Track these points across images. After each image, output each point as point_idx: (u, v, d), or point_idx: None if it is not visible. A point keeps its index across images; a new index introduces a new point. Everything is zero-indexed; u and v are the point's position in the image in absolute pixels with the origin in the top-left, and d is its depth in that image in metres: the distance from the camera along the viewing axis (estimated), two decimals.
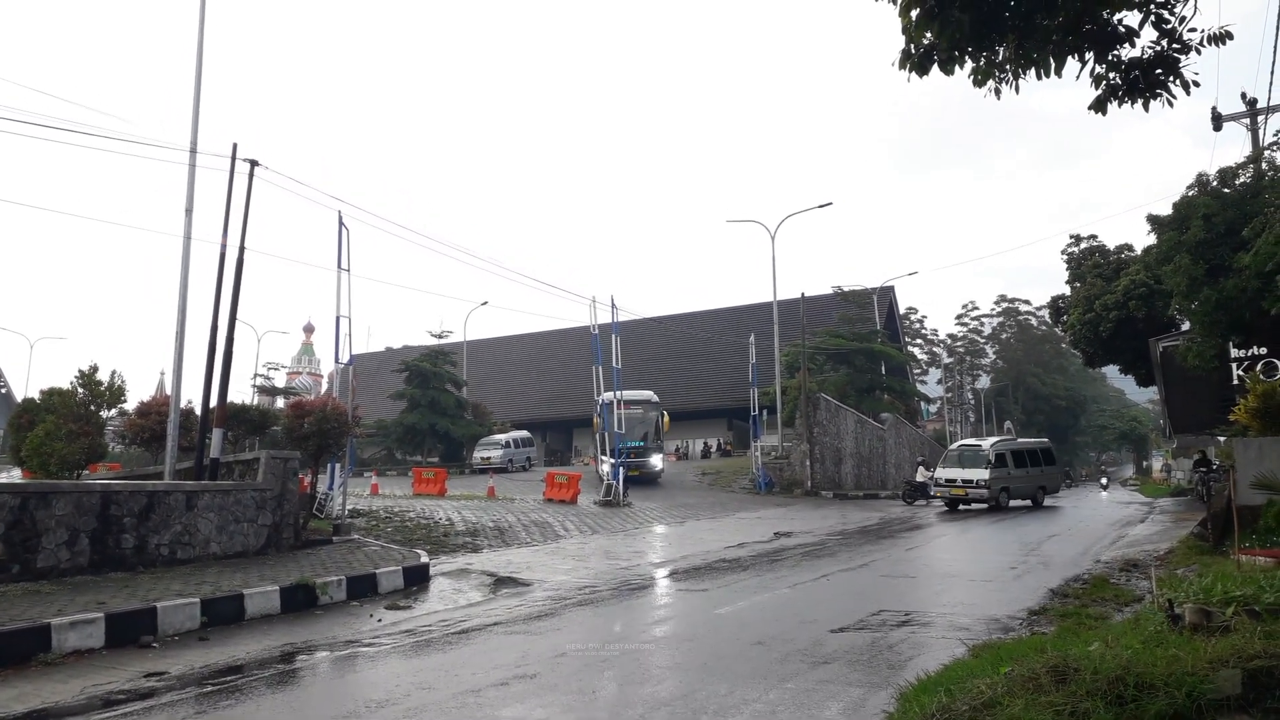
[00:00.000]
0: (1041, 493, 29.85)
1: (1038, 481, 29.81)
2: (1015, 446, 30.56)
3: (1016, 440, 33.08)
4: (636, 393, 39.94)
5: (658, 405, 39.24)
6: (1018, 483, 28.99)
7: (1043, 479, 30.07)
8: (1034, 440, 33.15)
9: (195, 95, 16.20)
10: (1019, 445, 31.06)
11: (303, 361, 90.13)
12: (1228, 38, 5.78)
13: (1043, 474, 30.09)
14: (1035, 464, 29.95)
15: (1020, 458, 29.61)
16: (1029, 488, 29.52)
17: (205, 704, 7.09)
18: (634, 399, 38.01)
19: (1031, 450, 30.64)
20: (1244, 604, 5.90)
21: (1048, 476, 30.44)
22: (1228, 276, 17.66)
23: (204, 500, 13.80)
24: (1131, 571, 14.02)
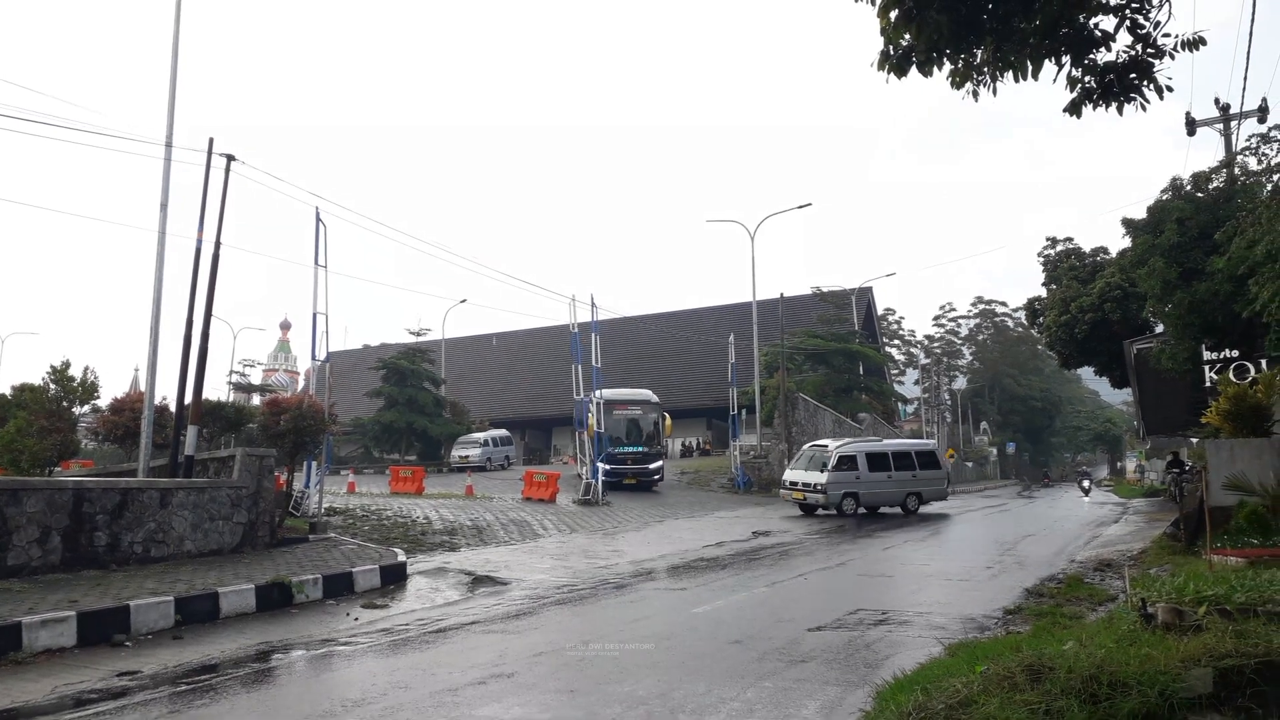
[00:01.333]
0: (914, 499, 26.95)
1: (907, 487, 26.87)
2: (873, 449, 27.70)
3: (883, 441, 30.22)
4: (633, 392, 37.59)
5: (658, 406, 36.04)
6: (875, 487, 26.37)
7: (915, 484, 27.06)
8: (907, 442, 30.79)
9: (171, 88, 16.04)
10: (880, 448, 28.12)
11: (279, 359, 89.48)
12: (1201, 43, 5.84)
13: (915, 479, 27.06)
14: (904, 468, 27.09)
15: (880, 461, 26.75)
16: (893, 493, 26.78)
17: (179, 703, 7.03)
18: (631, 399, 35.60)
19: (901, 453, 27.84)
20: (1216, 603, 5.96)
21: (923, 482, 27.30)
22: (1201, 280, 17.86)
23: (178, 498, 13.68)
24: (1106, 571, 14.16)
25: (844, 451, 26.67)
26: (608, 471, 30.66)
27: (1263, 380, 16.16)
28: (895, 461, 27.02)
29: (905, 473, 26.93)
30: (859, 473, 26.14)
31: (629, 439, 33.76)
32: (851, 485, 26.00)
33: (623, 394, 36.05)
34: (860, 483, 26.13)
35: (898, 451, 27.87)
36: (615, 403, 34.03)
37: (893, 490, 26.74)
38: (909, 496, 26.81)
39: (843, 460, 26.20)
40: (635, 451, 33.51)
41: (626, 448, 33.36)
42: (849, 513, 25.65)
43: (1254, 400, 15.11)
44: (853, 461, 26.23)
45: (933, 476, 27.78)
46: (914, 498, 26.92)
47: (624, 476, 32.32)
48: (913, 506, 26.85)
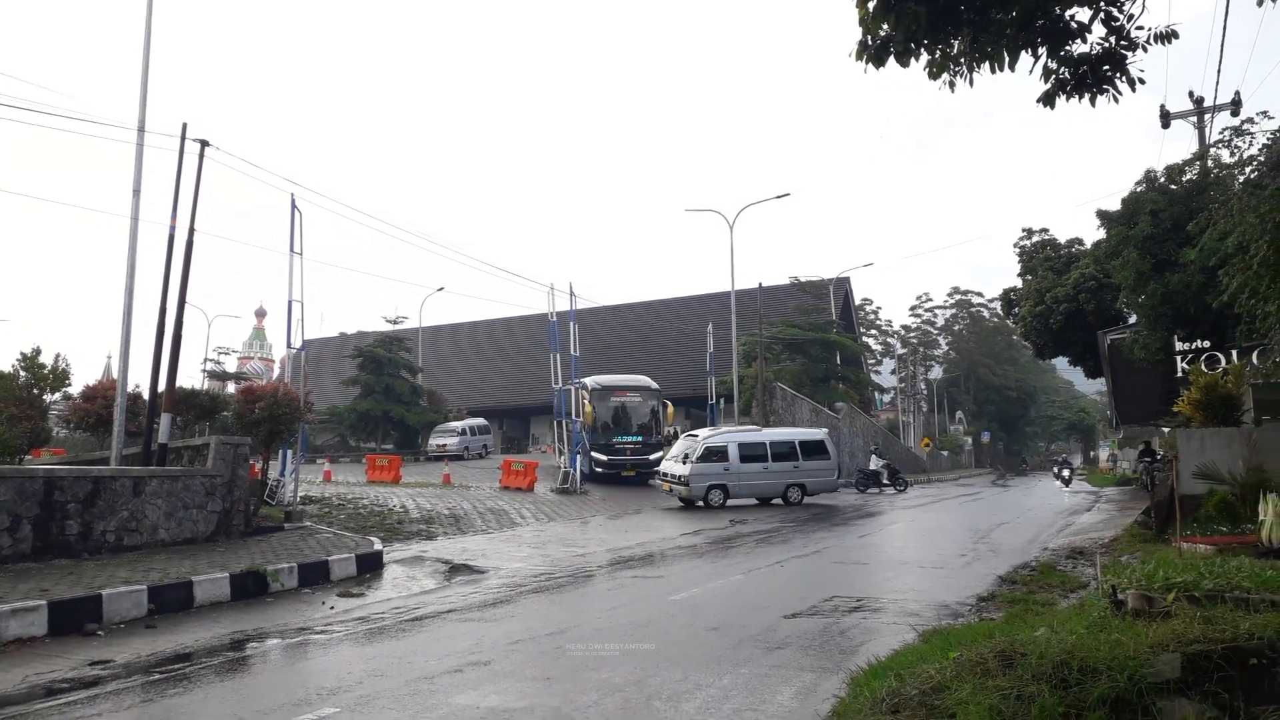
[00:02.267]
0: (796, 491, 25.72)
1: (788, 478, 25.69)
2: (747, 439, 26.41)
3: (762, 431, 28.35)
4: (631, 378, 35.66)
5: (658, 393, 33.82)
6: (749, 479, 25.36)
7: (797, 475, 25.80)
8: (792, 431, 29.25)
9: (143, 72, 15.84)
10: (756, 437, 26.72)
11: (254, 346, 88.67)
12: (1174, 36, 5.89)
13: (797, 470, 25.82)
14: (786, 459, 25.90)
15: (755, 451, 25.63)
16: (771, 485, 25.72)
17: (152, 692, 6.98)
18: (629, 385, 33.63)
19: (781, 443, 26.46)
20: (1184, 590, 6.04)
21: (807, 473, 26.00)
22: (1174, 271, 18.06)
23: (152, 486, 13.56)
24: (1078, 559, 14.33)
25: (711, 442, 25.77)
26: (604, 463, 29.68)
27: (1233, 371, 16.38)
28: (774, 452, 25.83)
29: (785, 463, 25.78)
30: (729, 464, 25.16)
31: (627, 428, 32.11)
32: (719, 477, 25.01)
33: (620, 380, 34.41)
34: (730, 474, 25.14)
35: (777, 441, 26.51)
36: (613, 389, 32.59)
37: (769, 482, 25.66)
38: (790, 488, 25.66)
39: (710, 452, 25.32)
40: (634, 441, 31.77)
41: (625, 437, 31.64)
42: (716, 505, 24.56)
43: (1224, 390, 15.32)
44: (722, 453, 25.29)
45: (818, 467, 26.36)
46: (796, 489, 25.73)
47: (622, 468, 30.83)
48: (794, 498, 25.63)
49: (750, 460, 25.45)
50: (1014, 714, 4.44)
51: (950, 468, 72.66)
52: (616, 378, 35.17)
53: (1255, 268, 11.04)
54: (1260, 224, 10.77)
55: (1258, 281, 11.28)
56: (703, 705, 6.31)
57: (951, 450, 79.19)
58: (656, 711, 6.20)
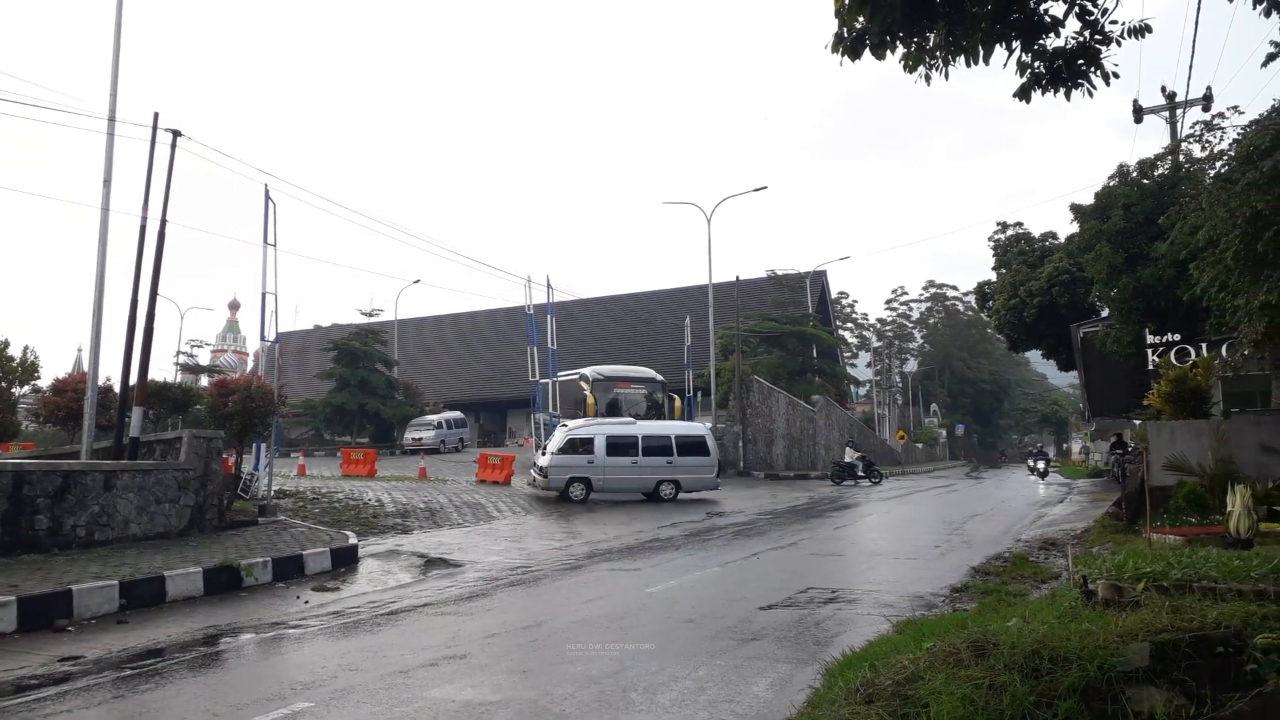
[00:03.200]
0: (670, 487, 24.50)
1: (661, 474, 24.45)
2: (617, 431, 25.05)
3: (636, 424, 26.63)
4: (634, 369, 33.98)
5: (662, 385, 32.09)
6: (616, 473, 24.19)
7: (671, 471, 24.56)
8: (668, 425, 27.61)
9: (114, 60, 15.62)
10: (628, 430, 25.33)
11: (228, 339, 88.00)
12: (1147, 31, 5.94)
13: (671, 466, 24.58)
14: (658, 454, 24.58)
15: (625, 445, 24.45)
16: (640, 480, 24.52)
17: (123, 688, 6.91)
18: (633, 376, 31.91)
19: (655, 437, 25.11)
20: (1154, 580, 6.12)
21: (682, 469, 24.74)
22: (1146, 265, 18.23)
23: (123, 480, 13.41)
24: (1050, 550, 14.46)
25: (576, 433, 24.83)
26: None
27: (1202, 364, 16.58)
28: (645, 446, 24.62)
29: (658, 459, 24.56)
30: (594, 457, 24.05)
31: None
32: (583, 470, 23.92)
33: (623, 370, 32.88)
34: (594, 468, 24.00)
35: (651, 435, 25.18)
36: (615, 380, 31.23)
37: (639, 477, 24.49)
38: (662, 484, 24.49)
39: (573, 443, 24.34)
40: None
41: None
42: (577, 499, 23.55)
43: (1194, 383, 15.51)
44: (587, 444, 24.24)
45: (696, 464, 25.07)
46: (670, 485, 24.54)
47: None
48: (667, 495, 24.39)
49: (619, 454, 24.32)
50: (986, 703, 4.48)
51: (925, 460, 73.15)
52: (619, 368, 33.77)
53: (1226, 261, 11.16)
54: (1230, 218, 10.88)
55: (1228, 275, 11.41)
56: (678, 697, 6.32)
57: (926, 443, 79.72)
58: (632, 704, 6.20)
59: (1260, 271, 10.92)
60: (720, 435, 41.11)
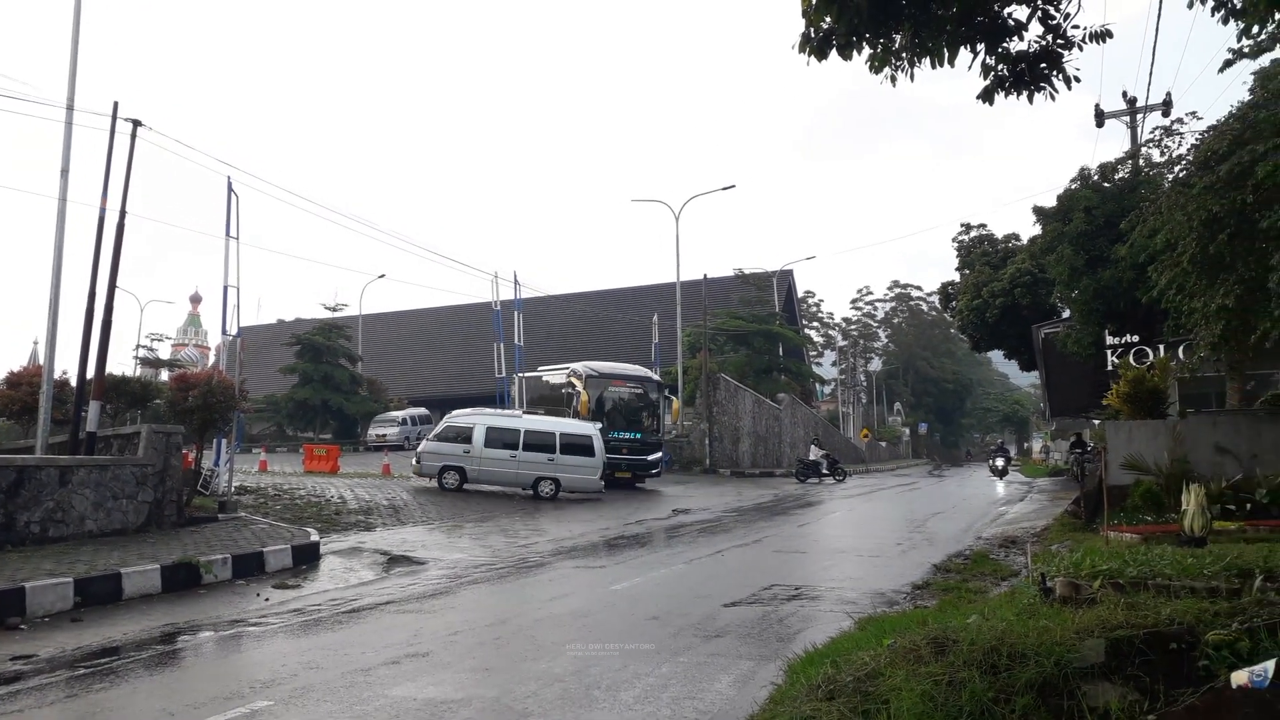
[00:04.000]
0: (549, 485, 23.56)
1: (540, 471, 23.55)
2: (500, 423, 24.30)
3: (523, 417, 25.65)
4: (629, 367, 32.43)
5: (659, 385, 30.52)
6: (492, 465, 23.40)
7: (551, 469, 23.63)
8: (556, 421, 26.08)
9: (73, 48, 15.32)
10: (511, 423, 24.47)
11: (189, 333, 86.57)
12: (1108, 36, 6.02)
13: (552, 463, 23.63)
14: (539, 449, 23.70)
15: (506, 437, 23.55)
16: (518, 475, 23.64)
17: (77, 687, 6.79)
18: (628, 375, 30.26)
19: (539, 432, 24.12)
20: (1110, 577, 6.21)
21: (563, 467, 23.76)
22: (1106, 267, 18.51)
23: (79, 475, 13.17)
24: (1010, 547, 14.64)
25: (455, 421, 24.25)
26: None
27: (1159, 365, 16.87)
28: (527, 441, 23.71)
29: (539, 454, 23.67)
30: (470, 447, 23.35)
31: (625, 423, 28.70)
32: (458, 459, 23.32)
33: (618, 368, 31.22)
34: (470, 458, 23.30)
35: (535, 431, 24.17)
36: (610, 378, 29.42)
37: (516, 471, 23.63)
38: (541, 481, 23.61)
39: (451, 431, 23.85)
40: (632, 439, 28.33)
41: (622, 433, 28.16)
42: (450, 488, 23.04)
43: (1151, 384, 15.77)
44: (466, 434, 23.57)
45: (579, 464, 24.05)
46: (549, 483, 23.63)
47: (615, 469, 26.81)
48: (546, 492, 23.52)
49: (497, 446, 23.52)
50: (946, 700, 4.52)
51: (888, 458, 73.79)
52: (614, 366, 32.33)
53: (1183, 264, 11.36)
54: (1188, 222, 11.08)
55: (1185, 278, 11.62)
56: (642, 694, 6.33)
57: (890, 441, 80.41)
58: (595, 701, 6.20)
59: (1216, 274, 11.13)
60: (688, 433, 41.26)
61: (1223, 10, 6.88)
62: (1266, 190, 9.67)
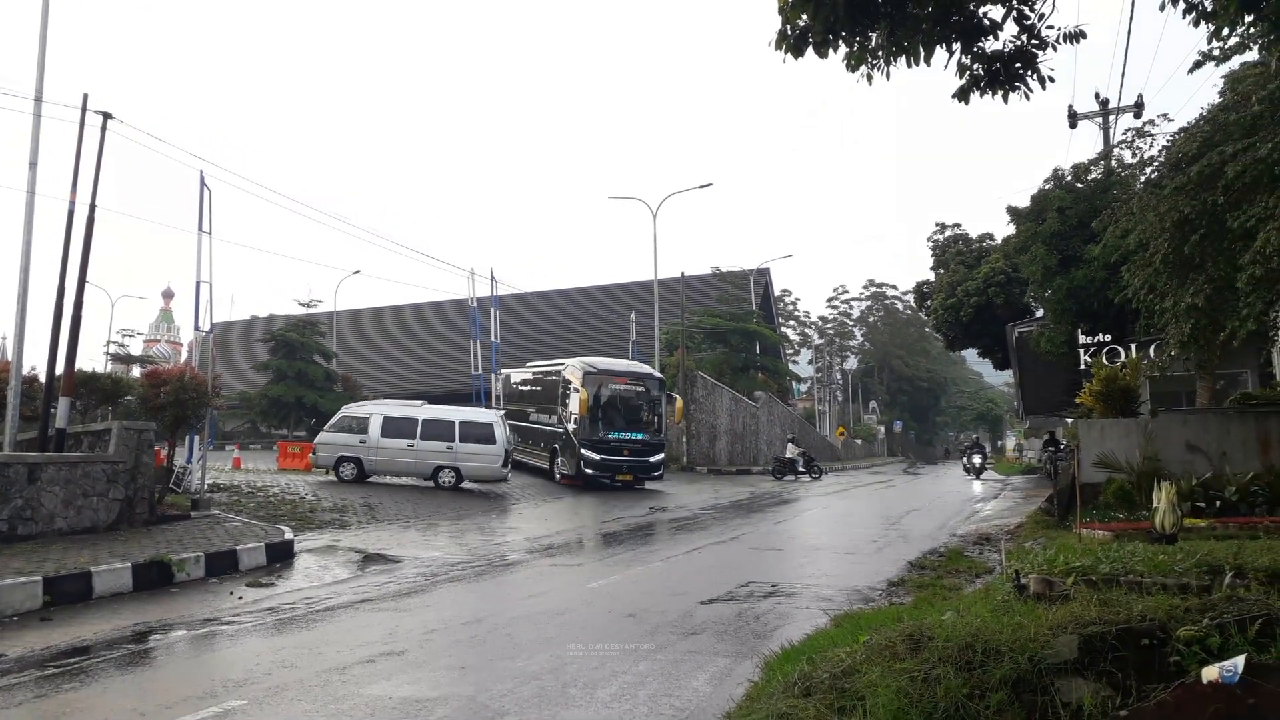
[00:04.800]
0: (450, 474, 23.26)
1: (439, 460, 23.18)
2: (396, 412, 23.99)
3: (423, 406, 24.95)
4: (631, 364, 30.98)
5: (661, 383, 29.00)
6: (389, 455, 23.10)
7: (450, 458, 23.18)
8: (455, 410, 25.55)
9: (41, 38, 15.11)
10: (408, 412, 23.98)
11: (161, 329, 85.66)
12: (1081, 37, 6.08)
13: (451, 452, 23.17)
14: (438, 438, 23.28)
15: (403, 426, 23.21)
16: (416, 464, 23.34)
17: (46, 687, 6.70)
18: (629, 372, 28.67)
19: (437, 421, 23.65)
20: (1082, 574, 6.27)
21: (464, 456, 23.25)
22: (1078, 267, 18.70)
23: (48, 473, 13.00)
24: (984, 545, 14.76)
25: (351, 411, 24.28)
26: (596, 463, 25.82)
27: (1131, 364, 17.05)
28: (425, 430, 23.32)
29: (438, 443, 23.30)
30: (367, 437, 23.01)
31: (626, 423, 27.15)
32: (354, 450, 23.00)
33: (619, 365, 29.78)
34: (366, 448, 22.98)
35: (432, 420, 23.73)
36: (610, 374, 27.72)
37: (415, 461, 23.31)
38: (441, 470, 23.31)
39: (347, 421, 23.69)
40: (634, 440, 26.84)
41: (622, 434, 26.72)
42: (348, 479, 22.77)
43: (1123, 383, 15.93)
44: (362, 424, 23.32)
45: (480, 452, 23.50)
46: (450, 473, 23.34)
47: (617, 471, 26.08)
48: (446, 482, 23.23)
49: (395, 435, 23.13)
50: (921, 695, 4.55)
51: (864, 456, 74.23)
52: (613, 362, 30.95)
53: (1155, 265, 11.48)
54: (1159, 222, 11.20)
55: (1156, 278, 11.74)
56: (618, 692, 6.32)
57: (865, 439, 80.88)
58: (572, 699, 6.19)
59: (1187, 274, 11.25)
60: (665, 430, 41.15)
61: (1193, 13, 6.96)
62: (1236, 191, 9.78)
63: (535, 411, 29.79)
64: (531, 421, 29.89)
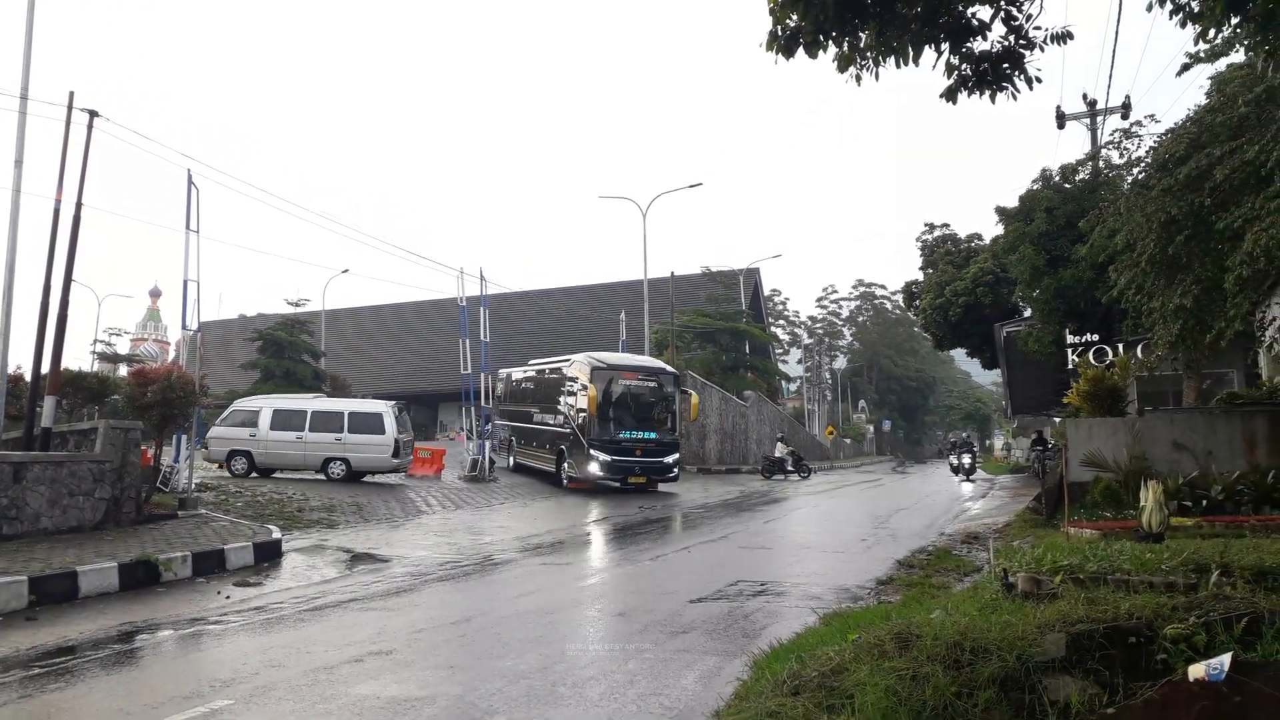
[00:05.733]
0: (340, 465, 23.13)
1: (328, 451, 23.05)
2: (285, 405, 24.07)
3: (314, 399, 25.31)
4: (641, 358, 29.62)
5: (675, 378, 27.14)
6: (278, 448, 23.02)
7: (340, 449, 23.08)
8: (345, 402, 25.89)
9: (27, 35, 15.02)
10: (297, 405, 24.06)
11: (148, 328, 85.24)
12: (1069, 37, 6.11)
13: (340, 443, 23.09)
14: (327, 430, 23.16)
15: (291, 419, 23.16)
16: (305, 456, 23.20)
17: (31, 687, 6.66)
18: (641, 367, 26.92)
19: (325, 413, 23.58)
20: (1070, 573, 6.29)
21: (353, 447, 23.14)
22: (1066, 267, 18.80)
23: (34, 472, 12.92)
24: (972, 543, 14.80)
25: (242, 405, 24.31)
26: (607, 464, 24.35)
27: (1119, 363, 17.15)
28: (314, 422, 23.28)
29: (326, 435, 23.17)
30: (256, 430, 23.02)
31: (638, 421, 25.37)
32: (244, 443, 23.04)
33: (627, 360, 28.38)
34: (256, 441, 23.00)
35: (321, 412, 23.71)
36: (620, 369, 26.05)
37: (304, 453, 23.24)
38: (330, 462, 23.20)
39: (238, 415, 23.68)
40: (647, 439, 25.12)
41: (634, 433, 25.02)
42: (239, 473, 22.79)
43: (1111, 382, 16.02)
44: (252, 417, 23.36)
45: (369, 442, 23.29)
46: (339, 464, 23.20)
47: (629, 472, 24.63)
48: (336, 474, 23.09)
49: (284, 429, 23.13)
50: (910, 694, 4.56)
51: (853, 455, 74.41)
52: (623, 356, 29.84)
53: (1142, 265, 11.54)
54: (1146, 223, 11.26)
55: (1143, 278, 11.81)
56: (607, 690, 6.32)
57: (854, 438, 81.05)
58: (561, 698, 6.18)
59: (1174, 275, 11.32)
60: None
61: (1180, 14, 6.99)
62: (1223, 193, 9.85)
63: (540, 412, 28.38)
64: (536, 423, 28.55)
